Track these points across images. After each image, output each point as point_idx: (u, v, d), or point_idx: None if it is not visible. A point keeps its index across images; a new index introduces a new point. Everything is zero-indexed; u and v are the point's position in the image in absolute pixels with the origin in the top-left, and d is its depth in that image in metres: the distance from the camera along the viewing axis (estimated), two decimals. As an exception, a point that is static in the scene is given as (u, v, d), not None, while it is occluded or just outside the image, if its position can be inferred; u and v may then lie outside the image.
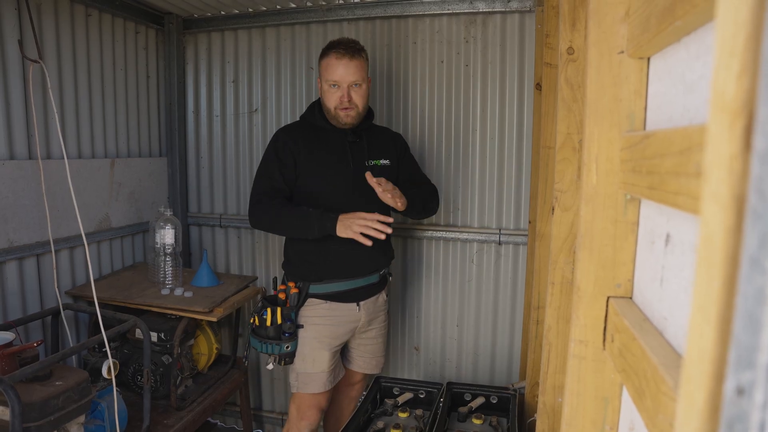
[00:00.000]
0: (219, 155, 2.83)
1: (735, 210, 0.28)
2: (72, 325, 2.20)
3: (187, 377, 2.27)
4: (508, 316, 2.49)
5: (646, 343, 0.56)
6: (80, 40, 2.25)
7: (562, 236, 1.15)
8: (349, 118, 1.94)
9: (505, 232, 2.44)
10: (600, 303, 0.74)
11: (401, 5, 2.44)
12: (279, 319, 1.93)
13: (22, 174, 1.96)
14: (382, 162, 2.06)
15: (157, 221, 2.31)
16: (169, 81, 2.79)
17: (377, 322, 2.15)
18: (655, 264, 0.63)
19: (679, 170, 0.48)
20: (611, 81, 0.74)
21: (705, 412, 0.29)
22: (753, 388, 0.25)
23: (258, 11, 2.61)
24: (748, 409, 0.25)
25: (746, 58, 0.27)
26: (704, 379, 0.29)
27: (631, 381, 0.60)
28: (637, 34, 0.67)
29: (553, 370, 1.18)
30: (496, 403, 2.01)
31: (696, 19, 0.49)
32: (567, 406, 0.78)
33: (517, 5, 2.30)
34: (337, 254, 1.96)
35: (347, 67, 1.88)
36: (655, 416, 0.50)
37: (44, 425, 1.46)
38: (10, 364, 1.54)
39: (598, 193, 0.74)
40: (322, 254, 1.98)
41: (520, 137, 2.39)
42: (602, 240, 0.73)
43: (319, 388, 1.99)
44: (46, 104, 2.06)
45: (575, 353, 0.76)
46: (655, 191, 0.56)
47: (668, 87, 0.63)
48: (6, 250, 1.92)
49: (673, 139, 0.51)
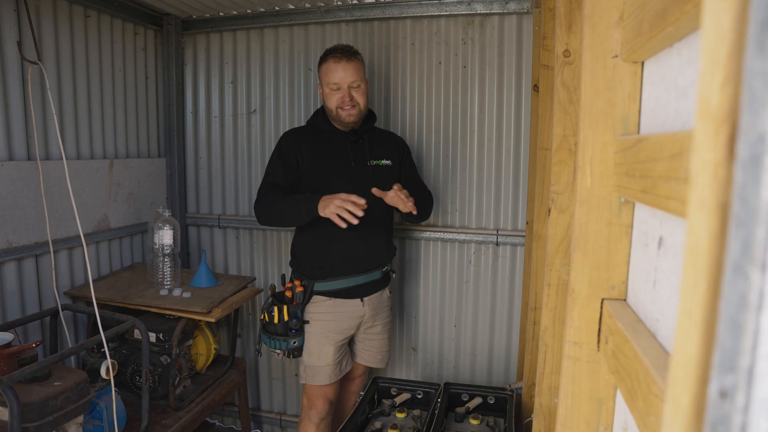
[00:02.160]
0: (217, 156, 2.83)
1: (719, 216, 0.28)
2: (71, 326, 2.20)
3: (185, 377, 2.27)
4: (505, 316, 2.50)
5: (639, 344, 0.56)
6: (79, 42, 2.26)
7: (558, 238, 1.16)
8: (351, 117, 2.03)
9: (502, 233, 2.45)
10: (594, 305, 0.75)
11: (399, 7, 2.44)
12: (286, 316, 2.03)
13: (20, 175, 1.96)
14: (383, 162, 2.14)
15: (155, 222, 2.31)
16: (168, 82, 2.79)
17: (381, 317, 2.22)
18: (648, 266, 0.64)
19: (671, 175, 0.49)
20: (606, 84, 0.74)
21: (690, 415, 0.29)
22: (735, 392, 0.25)
23: (256, 12, 2.61)
24: (730, 412, 0.25)
25: (729, 68, 0.28)
26: (690, 382, 0.30)
27: (624, 382, 0.61)
28: (631, 38, 0.68)
29: (550, 371, 1.18)
30: (493, 404, 2.01)
31: (687, 26, 0.49)
32: (562, 406, 0.79)
33: (514, 7, 2.31)
34: (339, 251, 2.05)
35: (345, 69, 1.98)
36: (646, 417, 0.51)
37: (43, 425, 1.47)
38: (9, 364, 1.54)
39: (592, 195, 0.74)
40: (326, 252, 2.06)
41: (517, 138, 2.40)
42: (597, 242, 0.74)
43: (325, 380, 2.08)
44: (44, 105, 2.06)
45: (570, 354, 0.77)
46: (648, 195, 0.56)
47: (661, 91, 0.63)
48: (5, 251, 1.93)
49: (664, 143, 0.51)
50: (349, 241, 2.03)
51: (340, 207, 1.80)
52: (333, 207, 1.81)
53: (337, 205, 1.81)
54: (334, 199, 1.83)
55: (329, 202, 1.84)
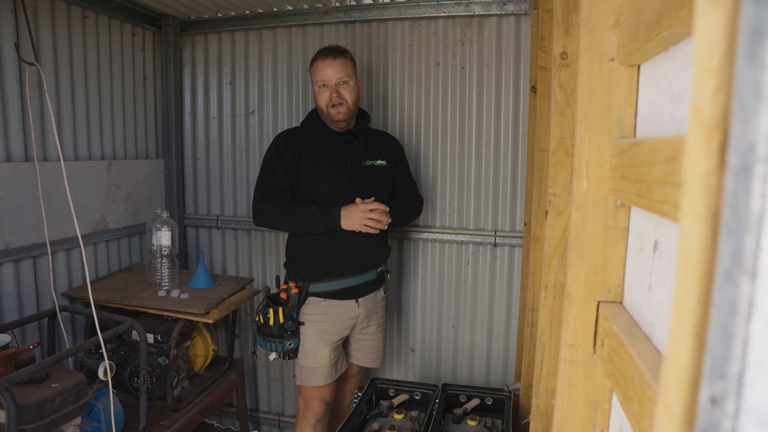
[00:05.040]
0: (216, 157, 2.83)
1: (710, 224, 0.29)
2: (68, 327, 2.20)
3: (183, 378, 2.27)
4: (503, 317, 2.50)
5: (634, 348, 0.56)
6: (77, 43, 2.26)
7: (555, 240, 1.16)
8: (340, 114, 2.03)
9: (500, 234, 2.45)
10: (590, 307, 0.75)
11: (397, 8, 2.44)
12: (281, 318, 2.03)
13: (18, 176, 1.96)
14: (378, 162, 2.14)
15: (153, 223, 2.31)
16: (166, 83, 2.79)
17: (376, 318, 2.23)
18: (644, 270, 0.64)
19: (665, 179, 0.49)
20: (602, 88, 0.74)
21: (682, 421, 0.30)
22: (725, 398, 0.25)
23: (254, 13, 2.61)
24: (720, 419, 0.26)
25: (721, 77, 0.28)
26: (681, 389, 0.30)
27: (619, 385, 0.61)
28: (627, 42, 0.68)
29: (547, 373, 1.18)
30: (491, 405, 2.01)
31: (681, 30, 0.50)
32: (558, 409, 0.79)
33: (512, 8, 2.31)
34: (334, 252, 2.05)
35: (332, 66, 2.00)
36: (641, 420, 0.51)
37: (40, 427, 1.47)
38: (7, 366, 1.54)
39: (588, 198, 0.75)
40: (320, 253, 2.06)
41: (515, 140, 2.40)
42: (593, 245, 0.74)
43: (320, 381, 2.09)
44: (42, 106, 2.06)
45: (566, 357, 0.77)
46: (643, 199, 0.56)
47: (657, 95, 0.63)
48: (2, 252, 1.92)
49: (659, 148, 0.52)
50: (344, 242, 2.04)
51: (366, 218, 1.92)
52: (358, 220, 1.93)
53: (361, 218, 1.93)
54: (356, 211, 1.93)
55: (354, 216, 1.93)
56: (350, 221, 1.94)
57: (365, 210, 1.93)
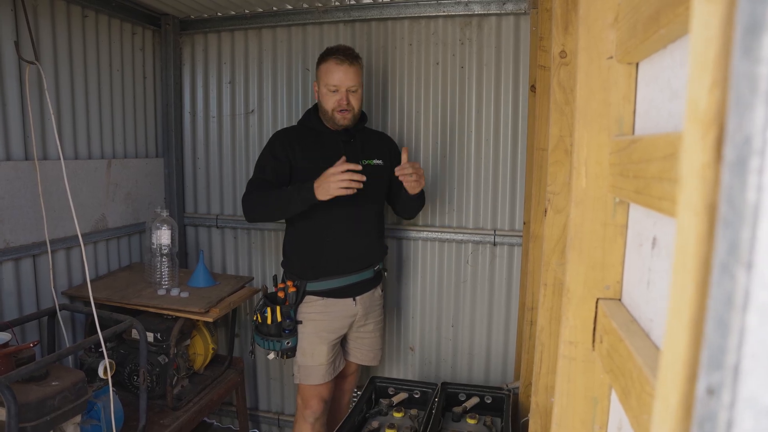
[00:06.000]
0: (215, 156, 2.83)
1: (707, 217, 0.29)
2: (68, 326, 2.20)
3: (183, 377, 2.27)
4: (502, 316, 2.51)
5: (633, 344, 0.57)
6: (77, 42, 2.26)
7: (555, 238, 1.16)
8: (345, 120, 2.04)
9: (500, 233, 2.45)
10: (589, 304, 0.75)
11: (397, 7, 2.45)
12: (279, 317, 2.03)
13: (18, 175, 1.96)
14: (375, 161, 2.14)
15: (153, 222, 2.31)
16: (166, 82, 2.79)
17: (374, 316, 2.23)
18: (643, 266, 0.65)
19: (663, 176, 0.49)
20: (600, 85, 0.75)
21: (679, 412, 0.30)
22: (721, 389, 0.26)
23: (254, 13, 2.61)
24: (716, 409, 0.26)
25: (717, 72, 0.28)
26: (678, 380, 0.30)
27: (618, 381, 0.61)
28: (626, 39, 0.68)
29: (546, 371, 1.19)
30: (490, 403, 2.02)
31: (679, 28, 0.50)
32: (558, 406, 0.79)
33: (512, 7, 2.32)
34: (331, 250, 2.06)
35: (346, 73, 1.98)
36: (639, 416, 0.52)
37: (40, 425, 1.47)
38: (7, 364, 1.54)
39: (587, 196, 0.75)
40: (317, 251, 2.06)
41: (515, 138, 2.40)
42: (591, 242, 0.75)
43: (318, 379, 2.09)
44: (42, 105, 2.06)
45: (565, 354, 0.77)
46: (641, 195, 0.57)
47: (655, 92, 0.64)
48: (2, 251, 1.92)
49: (657, 144, 0.52)
50: (341, 241, 2.05)
51: (341, 181, 1.81)
52: (334, 185, 1.82)
53: (336, 183, 1.82)
54: (328, 178, 1.83)
55: (327, 185, 1.83)
56: (325, 190, 1.84)
57: (335, 173, 1.82)
